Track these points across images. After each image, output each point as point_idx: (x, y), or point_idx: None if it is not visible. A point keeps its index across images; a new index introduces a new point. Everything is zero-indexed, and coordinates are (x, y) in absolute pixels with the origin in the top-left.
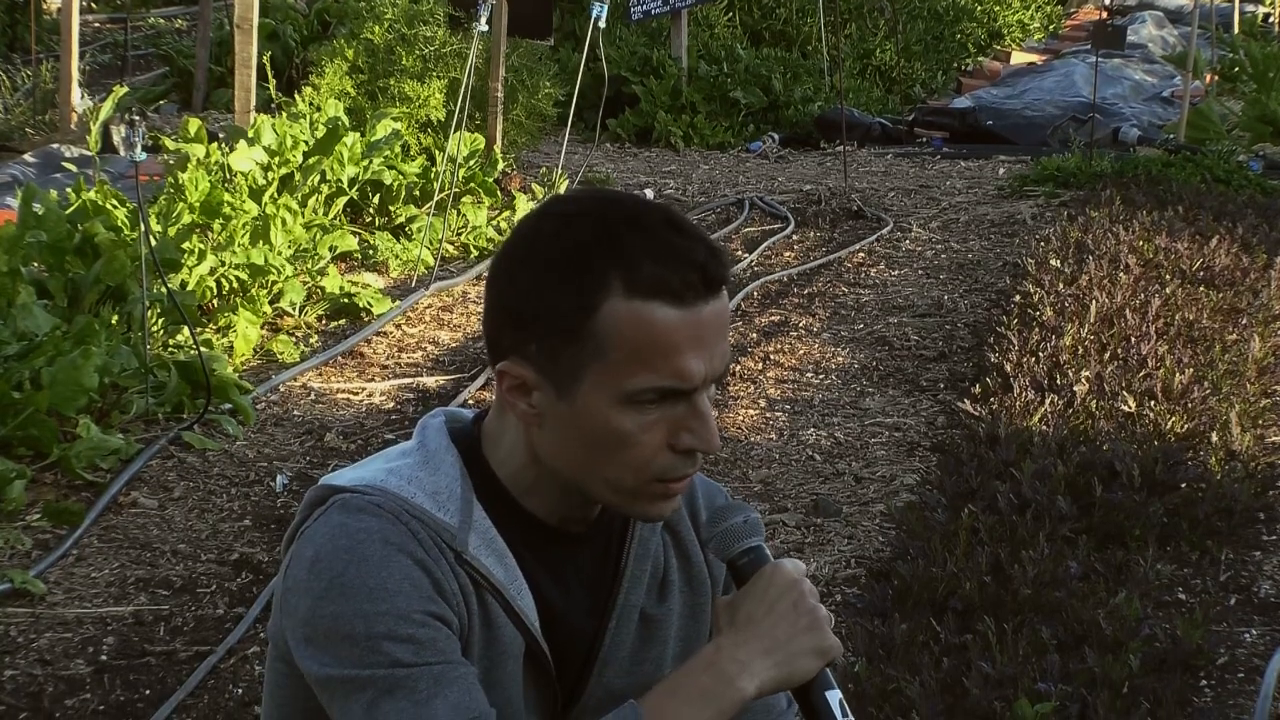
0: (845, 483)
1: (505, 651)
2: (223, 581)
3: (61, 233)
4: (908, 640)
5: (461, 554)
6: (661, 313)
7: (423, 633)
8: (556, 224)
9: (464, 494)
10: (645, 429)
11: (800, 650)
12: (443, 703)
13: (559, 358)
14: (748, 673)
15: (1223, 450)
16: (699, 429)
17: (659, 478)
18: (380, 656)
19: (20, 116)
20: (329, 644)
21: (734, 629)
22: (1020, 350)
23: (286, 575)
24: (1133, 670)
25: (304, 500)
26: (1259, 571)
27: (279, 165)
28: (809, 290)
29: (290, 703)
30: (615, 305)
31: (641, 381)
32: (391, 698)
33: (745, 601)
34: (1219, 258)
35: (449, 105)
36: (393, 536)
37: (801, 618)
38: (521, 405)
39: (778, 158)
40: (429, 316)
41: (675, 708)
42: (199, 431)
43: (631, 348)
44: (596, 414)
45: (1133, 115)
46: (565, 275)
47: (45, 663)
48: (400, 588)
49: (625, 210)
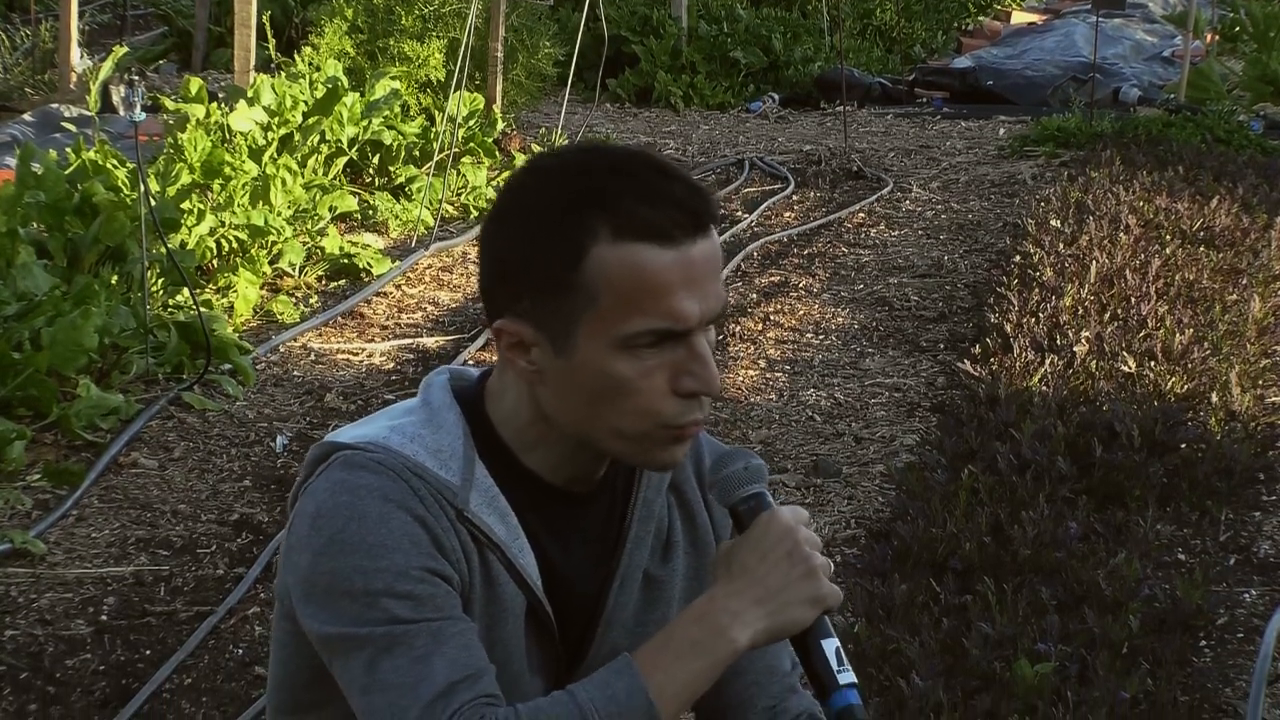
0: (845, 443)
1: (506, 609)
2: (223, 542)
3: (60, 193)
4: (907, 601)
5: (462, 511)
6: (650, 254)
7: (421, 589)
8: (540, 177)
9: (466, 452)
10: (645, 375)
11: (794, 599)
12: (441, 659)
13: (551, 311)
14: (740, 623)
15: (1223, 410)
16: (699, 371)
17: (666, 425)
18: (379, 613)
19: (19, 76)
20: (328, 600)
21: (728, 578)
22: (1020, 311)
23: (289, 532)
24: (1132, 631)
25: (307, 457)
26: (1258, 532)
27: (278, 125)
28: (809, 251)
29: (295, 659)
30: (602, 251)
31: (635, 325)
32: (390, 655)
33: (741, 550)
34: (1219, 218)
35: (449, 65)
36: (393, 493)
37: (796, 566)
38: (521, 363)
39: (778, 118)
40: (429, 277)
41: (668, 661)
42: (199, 392)
43: (622, 292)
44: (594, 365)
45: (1133, 75)
46: (550, 226)
47: (46, 623)
48: (399, 544)
49: (608, 158)
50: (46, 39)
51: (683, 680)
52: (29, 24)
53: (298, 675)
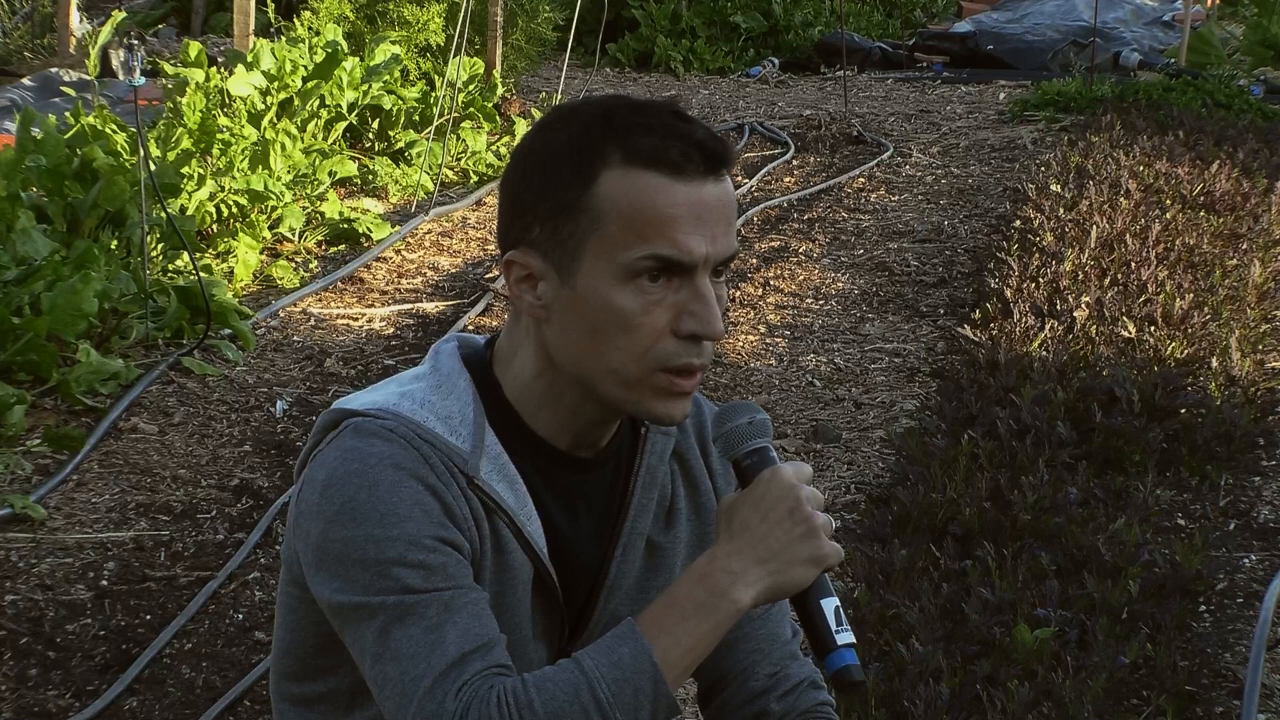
0: (845, 409)
1: (515, 576)
2: (223, 507)
3: (60, 157)
4: (907, 566)
5: (473, 479)
6: (658, 181)
7: (433, 558)
8: (561, 122)
9: (476, 419)
10: (647, 309)
11: (794, 558)
12: (453, 628)
13: (560, 235)
14: (742, 583)
15: (1222, 376)
16: (701, 312)
17: (663, 366)
18: (390, 582)
19: (19, 40)
20: (340, 568)
21: (729, 537)
22: (1020, 276)
23: (299, 498)
24: (1132, 596)
25: (316, 423)
26: (1258, 497)
27: (278, 90)
28: (809, 215)
29: (302, 626)
30: (613, 175)
31: (637, 250)
32: (402, 624)
33: (742, 507)
34: (1219, 183)
35: (448, 29)
36: (404, 461)
37: (797, 525)
38: (529, 298)
39: (778, 83)
40: (429, 242)
41: (672, 624)
42: (199, 357)
43: (629, 218)
44: (598, 295)
45: (1133, 40)
46: (566, 156)
47: (46, 588)
48: (411, 513)
49: (630, 102)
50: (45, 3)
51: (687, 643)
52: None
53: (305, 642)
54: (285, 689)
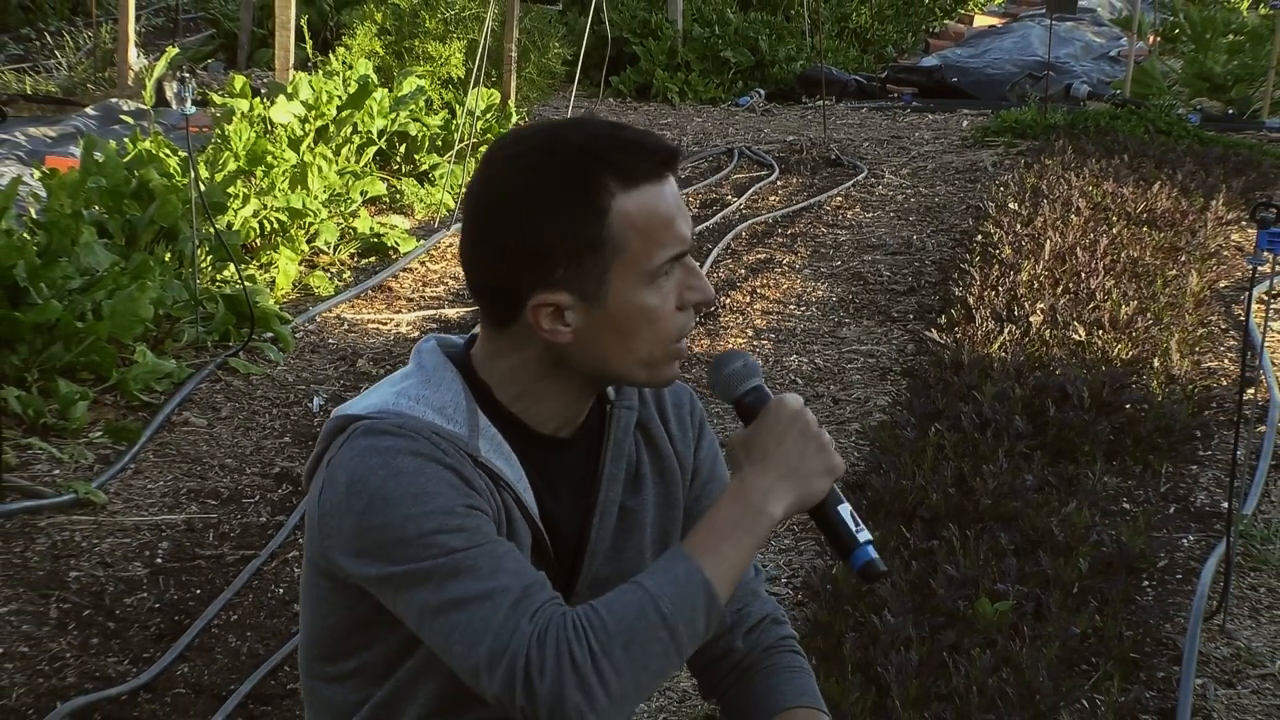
0: (824, 404)
1: (521, 544)
2: (265, 492)
3: (120, 178)
4: (880, 546)
5: (476, 458)
6: (650, 191)
7: (470, 521)
8: (522, 164)
9: (468, 405)
10: (664, 299)
11: (813, 471)
12: (505, 572)
13: (584, 268)
14: (773, 497)
15: (1163, 375)
16: (697, 283)
17: (678, 338)
18: (436, 548)
19: (82, 74)
20: (383, 550)
21: (751, 461)
22: (982, 285)
23: (321, 501)
24: (1082, 572)
25: (323, 431)
26: (1195, 484)
27: (315, 118)
28: (792, 231)
29: (335, 613)
30: (618, 201)
31: (660, 256)
32: (456, 578)
33: (757, 435)
34: (1160, 201)
35: (468, 64)
36: (420, 449)
37: (810, 442)
38: (558, 328)
39: (764, 111)
40: (450, 254)
41: (716, 542)
42: (244, 357)
43: (645, 231)
44: (629, 304)
45: (1083, 73)
46: (564, 198)
47: (107, 565)
48: (439, 489)
49: (573, 129)
50: (106, 40)
51: (732, 559)
52: (91, 26)
53: (338, 625)
54: (317, 670)
